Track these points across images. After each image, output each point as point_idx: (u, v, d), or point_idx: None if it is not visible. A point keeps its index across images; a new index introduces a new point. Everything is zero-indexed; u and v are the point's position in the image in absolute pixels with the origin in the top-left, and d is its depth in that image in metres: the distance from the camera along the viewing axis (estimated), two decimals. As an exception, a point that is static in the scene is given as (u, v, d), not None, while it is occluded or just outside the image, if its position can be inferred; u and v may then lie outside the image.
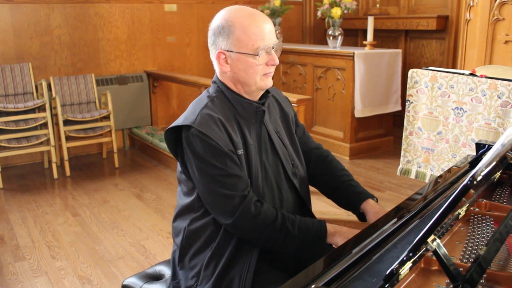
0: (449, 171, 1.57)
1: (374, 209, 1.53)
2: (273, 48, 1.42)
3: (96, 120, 4.53)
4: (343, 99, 4.63)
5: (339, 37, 4.88)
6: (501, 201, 1.38)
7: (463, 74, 2.68)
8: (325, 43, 5.32)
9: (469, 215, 1.30)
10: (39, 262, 2.81)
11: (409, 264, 0.87)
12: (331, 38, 4.91)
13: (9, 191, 3.99)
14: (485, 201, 1.36)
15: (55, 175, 4.29)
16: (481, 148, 1.65)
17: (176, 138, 1.43)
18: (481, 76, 2.60)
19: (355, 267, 1.00)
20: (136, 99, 5.19)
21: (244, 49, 1.38)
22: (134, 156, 5.01)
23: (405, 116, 2.96)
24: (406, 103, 2.92)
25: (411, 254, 0.87)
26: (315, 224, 1.39)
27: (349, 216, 3.12)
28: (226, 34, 1.39)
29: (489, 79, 2.55)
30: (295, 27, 6.28)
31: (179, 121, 1.42)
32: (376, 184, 3.97)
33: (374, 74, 4.56)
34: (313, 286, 0.90)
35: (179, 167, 1.49)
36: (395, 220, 1.20)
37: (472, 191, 1.11)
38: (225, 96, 1.46)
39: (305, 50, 4.92)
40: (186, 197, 1.50)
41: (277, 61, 1.44)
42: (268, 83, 1.46)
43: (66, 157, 4.34)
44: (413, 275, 1.02)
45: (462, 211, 1.06)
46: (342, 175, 1.64)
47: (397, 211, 1.26)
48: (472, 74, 2.66)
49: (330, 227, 1.39)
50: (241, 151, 1.40)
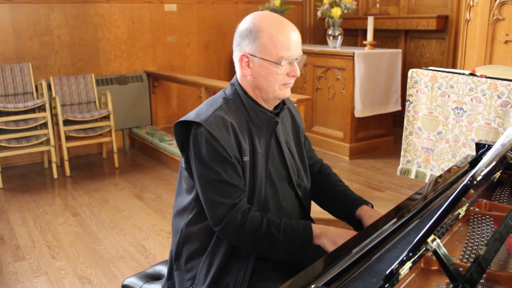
0: (449, 171, 1.57)
1: (368, 213, 1.53)
2: (296, 60, 1.42)
3: (96, 120, 4.53)
4: (343, 99, 4.63)
5: (339, 37, 4.88)
6: (501, 201, 1.38)
7: (463, 74, 2.68)
8: (325, 43, 5.32)
9: (469, 215, 1.30)
10: (39, 262, 2.81)
11: (409, 264, 0.87)
12: (331, 38, 4.91)
13: (9, 191, 3.99)
14: (485, 201, 1.36)
15: (55, 175, 4.29)
16: (481, 148, 1.65)
17: (185, 132, 1.43)
18: (481, 76, 2.60)
19: (355, 267, 1.00)
20: (136, 99, 5.19)
21: (268, 56, 1.38)
22: (134, 156, 5.01)
23: (405, 116, 2.96)
24: (406, 103, 2.92)
25: (411, 254, 0.87)
26: (300, 226, 1.37)
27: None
28: (253, 38, 1.38)
29: (489, 79, 2.55)
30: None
31: (190, 115, 1.41)
32: (376, 184, 3.97)
33: (374, 74, 4.56)
34: (313, 286, 0.90)
35: (182, 162, 1.49)
36: (395, 220, 1.20)
37: (472, 191, 1.11)
38: (241, 100, 1.45)
39: (305, 50, 4.92)
40: (185, 194, 1.50)
41: (298, 73, 1.43)
42: (286, 93, 1.46)
43: (66, 157, 4.34)
44: (413, 275, 1.02)
45: (462, 211, 1.06)
46: (338, 185, 1.65)
47: (397, 211, 1.26)
48: (472, 74, 2.66)
49: (315, 228, 1.37)
50: (247, 158, 1.40)
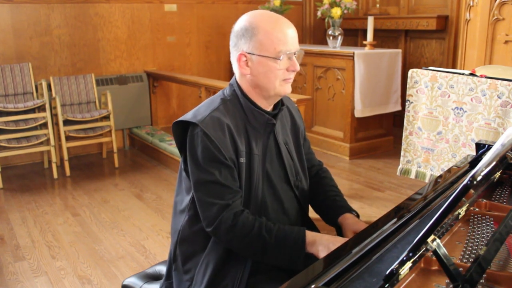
0: (449, 171, 1.57)
1: (348, 221, 1.49)
2: (294, 54, 1.42)
3: (96, 120, 4.53)
4: (343, 99, 4.63)
5: (339, 37, 4.88)
6: (501, 201, 1.38)
7: (463, 74, 2.68)
8: (325, 43, 5.32)
9: (469, 215, 1.30)
10: (39, 262, 2.81)
11: (409, 264, 0.87)
12: (331, 38, 4.91)
13: (9, 191, 3.99)
14: (485, 201, 1.36)
15: (55, 175, 4.29)
16: (481, 148, 1.65)
17: (183, 132, 1.44)
18: (481, 76, 2.60)
19: (355, 267, 0.99)
20: (136, 99, 5.19)
21: (266, 52, 1.38)
22: (134, 156, 5.01)
23: (405, 116, 2.96)
24: (406, 103, 2.92)
25: (411, 254, 0.87)
26: (293, 232, 1.35)
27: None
28: (249, 37, 1.38)
29: (489, 79, 2.55)
30: (295, 27, 6.27)
31: (188, 116, 1.42)
32: (376, 184, 3.97)
33: (374, 74, 4.56)
34: (313, 286, 0.90)
35: (182, 162, 1.50)
36: (395, 220, 1.20)
37: (472, 191, 1.11)
38: (239, 101, 1.45)
39: (305, 50, 4.89)
40: (184, 194, 1.51)
41: (297, 67, 1.43)
42: (287, 89, 1.45)
43: (66, 157, 4.34)
44: (413, 275, 1.02)
45: (462, 211, 1.06)
46: (329, 190, 1.64)
47: (397, 211, 1.26)
48: (472, 74, 2.66)
49: (309, 236, 1.35)
50: (243, 160, 1.40)
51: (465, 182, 0.92)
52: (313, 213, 1.65)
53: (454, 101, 2.69)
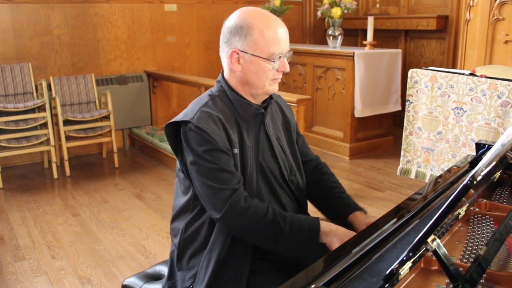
0: (449, 171, 1.57)
1: (359, 218, 1.50)
2: (286, 56, 1.43)
3: (96, 120, 4.53)
4: (343, 99, 4.63)
5: (339, 37, 4.88)
6: (501, 201, 1.38)
7: (463, 74, 2.68)
8: (325, 43, 5.32)
9: (469, 215, 1.30)
10: (39, 262, 2.81)
11: (409, 264, 0.87)
12: (331, 38, 4.91)
13: (9, 191, 3.99)
14: (485, 201, 1.36)
15: (55, 175, 4.29)
16: (481, 148, 1.65)
17: (176, 135, 1.44)
18: (481, 76, 2.60)
19: (355, 267, 0.99)
20: (136, 99, 5.19)
21: (259, 52, 1.39)
22: (134, 156, 5.01)
23: (405, 116, 2.96)
24: (406, 103, 2.92)
25: (411, 254, 0.87)
26: (308, 221, 1.35)
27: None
28: (244, 35, 1.39)
29: (489, 79, 2.55)
30: (295, 27, 6.28)
31: (178, 117, 1.43)
32: (376, 184, 3.97)
33: (374, 74, 4.56)
34: (313, 286, 0.90)
35: (178, 164, 1.50)
36: (395, 220, 1.20)
37: (472, 191, 1.11)
38: (226, 96, 1.46)
39: (305, 50, 4.92)
40: (182, 195, 1.51)
41: (287, 68, 1.45)
42: (275, 88, 1.48)
43: (66, 157, 4.34)
44: (413, 275, 1.02)
45: (462, 211, 1.06)
46: (333, 187, 1.63)
47: (397, 211, 1.26)
48: (472, 74, 2.66)
49: (324, 225, 1.35)
50: (236, 150, 1.41)
51: (465, 182, 0.92)
52: (314, 213, 1.65)
53: (454, 101, 2.69)
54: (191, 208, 1.47)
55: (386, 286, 0.85)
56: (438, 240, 0.88)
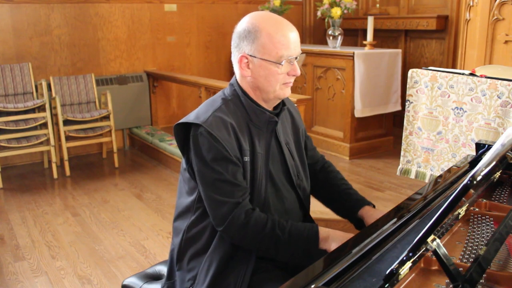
0: (449, 171, 1.57)
1: (370, 212, 1.52)
2: (296, 59, 1.42)
3: (96, 120, 4.53)
4: (343, 99, 4.63)
5: (339, 37, 4.88)
6: (501, 201, 1.38)
7: (463, 74, 2.68)
8: (325, 43, 5.31)
9: (469, 215, 1.30)
10: (39, 262, 2.81)
11: (409, 264, 0.87)
12: (331, 38, 4.91)
13: (9, 191, 3.99)
14: (485, 201, 1.36)
15: (55, 175, 4.29)
16: (481, 148, 1.65)
17: (185, 134, 1.43)
18: (481, 76, 2.60)
19: (355, 267, 0.99)
20: (136, 99, 5.19)
21: (268, 56, 1.38)
22: (134, 156, 5.01)
23: (405, 116, 2.96)
24: (406, 103, 2.92)
25: (411, 254, 0.87)
26: (306, 229, 1.36)
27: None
28: (252, 39, 1.38)
29: (489, 79, 2.55)
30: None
31: (190, 117, 1.42)
32: (376, 184, 3.97)
33: (374, 74, 4.56)
34: (313, 286, 0.90)
35: (183, 164, 1.49)
36: (395, 220, 1.20)
37: (472, 191, 1.11)
38: (240, 101, 1.45)
39: (305, 50, 4.91)
40: (187, 195, 1.50)
41: (298, 72, 1.43)
42: (287, 92, 1.46)
43: (66, 157, 4.34)
44: (413, 275, 1.02)
45: (462, 211, 1.06)
46: (341, 184, 1.65)
47: (397, 211, 1.26)
48: (472, 74, 2.66)
49: (322, 232, 1.35)
50: (247, 158, 1.40)
51: (465, 182, 0.92)
52: (314, 214, 1.66)
53: (454, 101, 2.69)
54: (195, 209, 1.47)
55: (386, 286, 0.85)
56: (438, 240, 0.88)
